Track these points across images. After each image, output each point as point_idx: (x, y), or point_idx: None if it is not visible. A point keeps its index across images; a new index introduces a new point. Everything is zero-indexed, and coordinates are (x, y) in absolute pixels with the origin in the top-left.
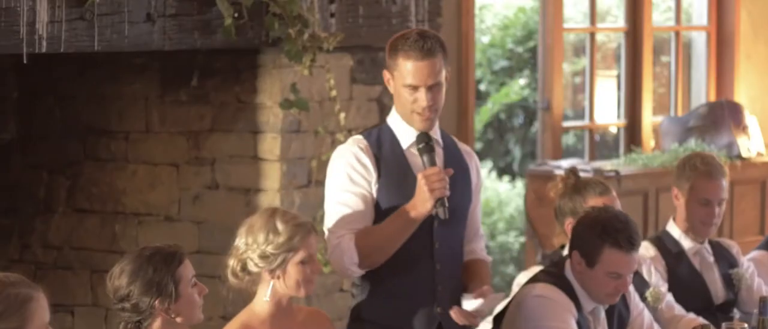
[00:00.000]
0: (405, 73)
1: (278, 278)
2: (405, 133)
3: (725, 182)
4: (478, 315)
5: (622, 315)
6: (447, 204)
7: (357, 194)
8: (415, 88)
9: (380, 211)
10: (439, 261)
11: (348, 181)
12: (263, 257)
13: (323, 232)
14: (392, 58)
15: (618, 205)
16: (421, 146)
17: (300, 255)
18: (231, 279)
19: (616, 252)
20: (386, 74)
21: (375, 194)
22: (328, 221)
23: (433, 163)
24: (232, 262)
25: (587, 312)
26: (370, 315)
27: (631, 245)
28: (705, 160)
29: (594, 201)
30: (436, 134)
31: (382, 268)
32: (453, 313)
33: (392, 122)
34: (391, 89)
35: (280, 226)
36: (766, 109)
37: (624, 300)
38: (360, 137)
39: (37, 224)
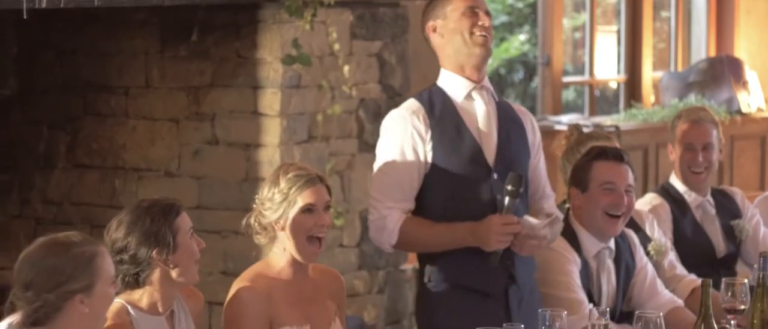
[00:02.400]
0: (459, 1)
1: (283, 229)
2: (457, 87)
3: (712, 129)
4: (536, 233)
5: (629, 267)
6: (501, 253)
7: (410, 165)
8: (474, 11)
9: (435, 169)
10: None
11: (400, 150)
12: (268, 209)
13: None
14: (436, 6)
15: None
16: (510, 188)
17: (299, 205)
18: (254, 237)
19: (603, 162)
20: (430, 27)
21: (430, 156)
22: (377, 189)
23: (513, 211)
24: (252, 220)
25: (591, 257)
26: (440, 278)
27: (618, 155)
28: (690, 109)
29: None
30: (487, 84)
31: None
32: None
33: (443, 82)
34: (437, 42)
35: (281, 177)
36: (766, 64)
37: (631, 252)
38: (412, 100)
39: (37, 180)
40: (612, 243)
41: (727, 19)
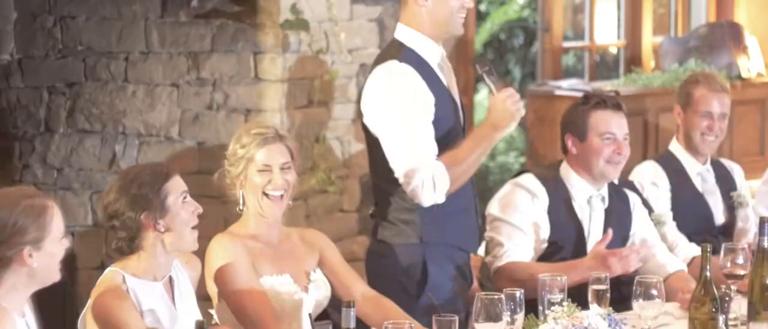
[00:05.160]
0: None
1: (242, 186)
2: (430, 51)
3: (726, 99)
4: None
5: (624, 220)
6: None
7: (428, 121)
8: None
9: (436, 135)
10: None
11: (420, 107)
12: (232, 164)
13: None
14: None
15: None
16: (486, 68)
17: (255, 164)
18: (228, 192)
19: (601, 112)
20: None
21: (432, 118)
22: (419, 154)
23: (502, 83)
24: (223, 175)
25: (582, 201)
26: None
27: (616, 105)
28: (706, 76)
29: None
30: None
31: None
32: None
33: (411, 43)
34: (427, 4)
35: (244, 135)
36: (766, 29)
37: (627, 203)
38: (404, 64)
39: (37, 145)
40: (604, 191)
41: None
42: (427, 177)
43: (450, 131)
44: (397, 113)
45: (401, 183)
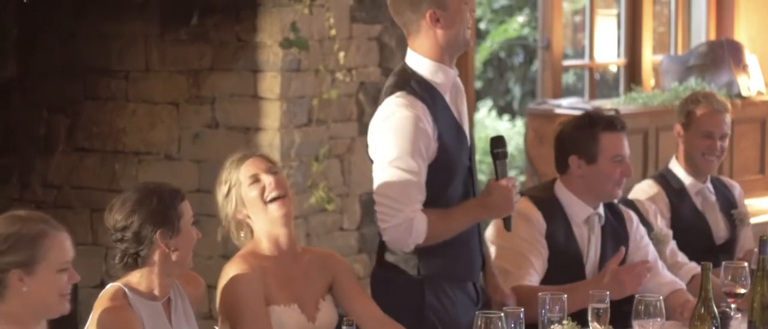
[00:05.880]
0: None
1: (245, 216)
2: (443, 77)
3: (728, 118)
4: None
5: (620, 238)
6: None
7: (424, 164)
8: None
9: (438, 167)
10: None
11: (419, 152)
12: (226, 207)
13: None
14: None
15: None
16: (501, 151)
17: (244, 181)
18: (238, 241)
19: (611, 134)
20: (435, 14)
21: (434, 154)
22: (400, 193)
23: (507, 171)
24: (227, 230)
25: (581, 222)
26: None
27: (622, 125)
28: (707, 95)
29: None
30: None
31: None
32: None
33: (423, 71)
34: (439, 27)
35: (221, 173)
36: (766, 48)
37: (623, 221)
38: (412, 97)
39: (37, 163)
40: (601, 209)
41: (727, 3)
42: (409, 218)
43: (454, 161)
44: (394, 154)
45: (377, 217)
